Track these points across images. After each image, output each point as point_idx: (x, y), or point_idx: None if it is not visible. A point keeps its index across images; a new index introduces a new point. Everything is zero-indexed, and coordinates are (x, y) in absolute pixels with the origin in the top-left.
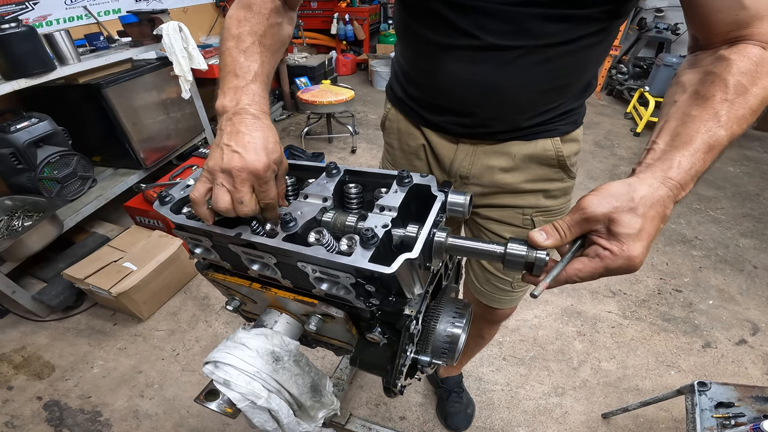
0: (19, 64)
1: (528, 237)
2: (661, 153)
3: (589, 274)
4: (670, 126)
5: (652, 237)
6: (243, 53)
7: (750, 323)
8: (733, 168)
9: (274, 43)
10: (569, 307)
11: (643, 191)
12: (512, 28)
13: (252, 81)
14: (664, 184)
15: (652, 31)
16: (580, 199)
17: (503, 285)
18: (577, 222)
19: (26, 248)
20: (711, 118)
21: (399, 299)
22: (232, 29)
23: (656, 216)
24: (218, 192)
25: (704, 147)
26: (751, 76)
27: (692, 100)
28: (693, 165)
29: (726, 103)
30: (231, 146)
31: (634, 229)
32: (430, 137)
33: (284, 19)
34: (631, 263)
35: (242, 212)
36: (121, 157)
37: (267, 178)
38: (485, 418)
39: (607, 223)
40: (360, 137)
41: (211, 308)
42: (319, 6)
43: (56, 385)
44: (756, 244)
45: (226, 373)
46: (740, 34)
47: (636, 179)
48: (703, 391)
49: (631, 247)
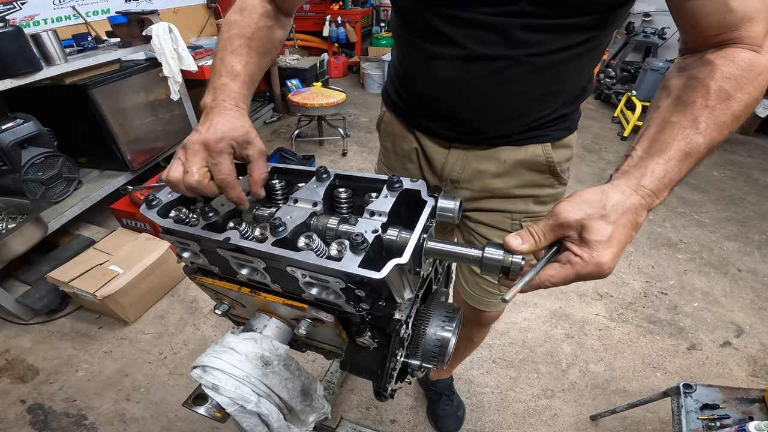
0: (5, 64)
1: (504, 241)
2: (637, 160)
3: (561, 279)
4: (650, 132)
5: (623, 244)
6: (230, 54)
7: (734, 325)
8: (717, 172)
9: (262, 45)
10: (558, 309)
11: (616, 199)
12: (500, 38)
13: (232, 80)
14: (636, 192)
15: (639, 36)
16: (556, 205)
17: (492, 288)
18: (551, 227)
19: (10, 251)
20: (689, 125)
21: (389, 304)
22: (224, 33)
23: (627, 223)
24: (173, 164)
25: (680, 155)
26: (735, 81)
27: (673, 106)
28: (667, 173)
29: (706, 110)
30: (197, 129)
31: (604, 236)
32: (423, 141)
33: (275, 22)
34: (600, 269)
35: (188, 182)
36: (108, 159)
37: (218, 150)
38: (476, 421)
39: (579, 229)
40: (351, 140)
41: (200, 311)
42: (311, 8)
43: (40, 389)
44: (740, 247)
45: (214, 378)
46: (728, 38)
47: (610, 186)
48: (688, 393)
49: (600, 253)
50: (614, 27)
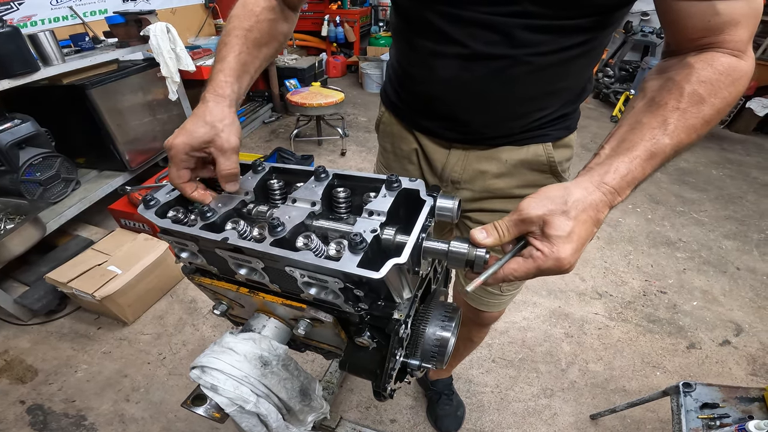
0: (3, 65)
1: (470, 234)
2: (604, 158)
3: (523, 273)
4: (620, 132)
5: (584, 240)
6: (224, 46)
7: (733, 324)
8: (716, 171)
9: (261, 36)
10: (557, 309)
11: (577, 195)
12: (500, 38)
13: (220, 70)
14: (598, 189)
15: (637, 35)
16: (521, 200)
17: (492, 288)
18: (515, 223)
19: (8, 251)
20: (658, 126)
21: (388, 303)
22: (227, 26)
23: (588, 219)
24: None
25: (645, 154)
26: (711, 86)
27: (647, 106)
28: (630, 171)
29: (677, 112)
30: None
31: (564, 232)
32: (423, 141)
33: (279, 16)
34: (560, 264)
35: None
36: (106, 159)
37: (171, 156)
38: (475, 421)
39: (542, 225)
40: (350, 140)
41: (198, 312)
42: (309, 8)
43: (39, 389)
44: (739, 246)
45: (213, 378)
46: (712, 41)
47: (573, 183)
48: (688, 392)
49: (560, 248)
50: (614, 27)
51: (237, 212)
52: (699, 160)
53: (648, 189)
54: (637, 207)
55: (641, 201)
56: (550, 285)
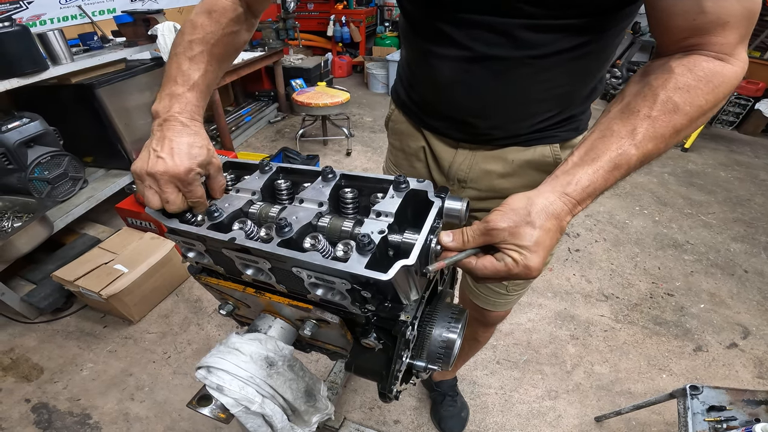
0: (12, 64)
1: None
2: (571, 166)
3: (492, 272)
4: (591, 138)
5: (549, 247)
6: (189, 60)
7: (741, 327)
8: (724, 173)
9: (225, 51)
10: (563, 310)
11: (540, 205)
12: (501, 39)
13: (189, 89)
14: (560, 199)
15: (645, 36)
16: (489, 212)
17: (498, 288)
18: (480, 232)
19: (15, 249)
20: (626, 136)
21: (395, 305)
22: (186, 34)
23: (552, 228)
24: (147, 193)
25: (609, 165)
26: (687, 93)
27: (620, 112)
28: (592, 183)
29: (647, 120)
30: (157, 151)
31: (531, 241)
32: (430, 140)
33: (243, 26)
34: (528, 272)
35: (171, 210)
36: (113, 158)
37: (189, 180)
38: (479, 422)
39: (508, 236)
40: (355, 140)
41: (204, 311)
42: (315, 8)
43: (45, 388)
44: (747, 248)
45: (219, 378)
46: (697, 42)
47: (536, 192)
48: (695, 394)
49: (528, 257)
50: (619, 29)
51: (244, 212)
52: (707, 162)
53: (656, 191)
54: (644, 209)
55: (649, 203)
56: (555, 287)
